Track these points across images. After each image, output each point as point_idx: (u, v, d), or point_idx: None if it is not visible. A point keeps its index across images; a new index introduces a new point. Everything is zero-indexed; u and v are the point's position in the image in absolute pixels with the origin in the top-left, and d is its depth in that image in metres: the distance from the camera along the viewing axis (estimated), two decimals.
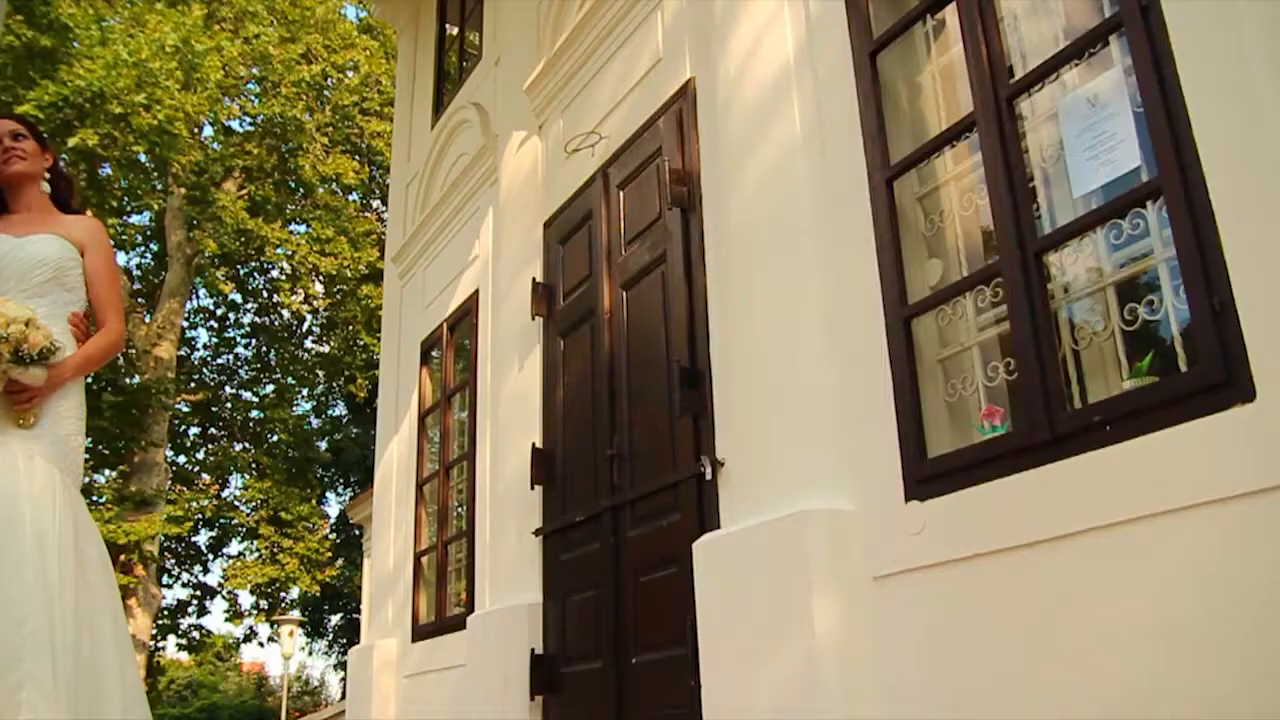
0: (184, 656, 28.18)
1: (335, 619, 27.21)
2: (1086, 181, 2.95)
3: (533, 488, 5.77)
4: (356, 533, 21.44)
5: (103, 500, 18.70)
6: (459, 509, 7.26)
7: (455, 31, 9.09)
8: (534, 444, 5.83)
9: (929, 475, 3.20)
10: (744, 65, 4.28)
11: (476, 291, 7.22)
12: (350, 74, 21.54)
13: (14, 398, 3.06)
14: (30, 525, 2.87)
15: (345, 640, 26.54)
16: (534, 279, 6.14)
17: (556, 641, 5.43)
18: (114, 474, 20.00)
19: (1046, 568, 2.78)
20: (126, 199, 20.40)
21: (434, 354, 8.06)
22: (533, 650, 5.45)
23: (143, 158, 18.60)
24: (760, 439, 3.87)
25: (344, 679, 25.70)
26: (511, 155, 6.79)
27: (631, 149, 5.41)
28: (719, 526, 4.10)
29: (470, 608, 6.50)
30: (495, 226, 7.01)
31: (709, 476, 4.28)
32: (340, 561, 23.04)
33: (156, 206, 20.85)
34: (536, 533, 5.72)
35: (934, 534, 3.14)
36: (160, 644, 22.89)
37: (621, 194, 5.48)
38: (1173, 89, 2.62)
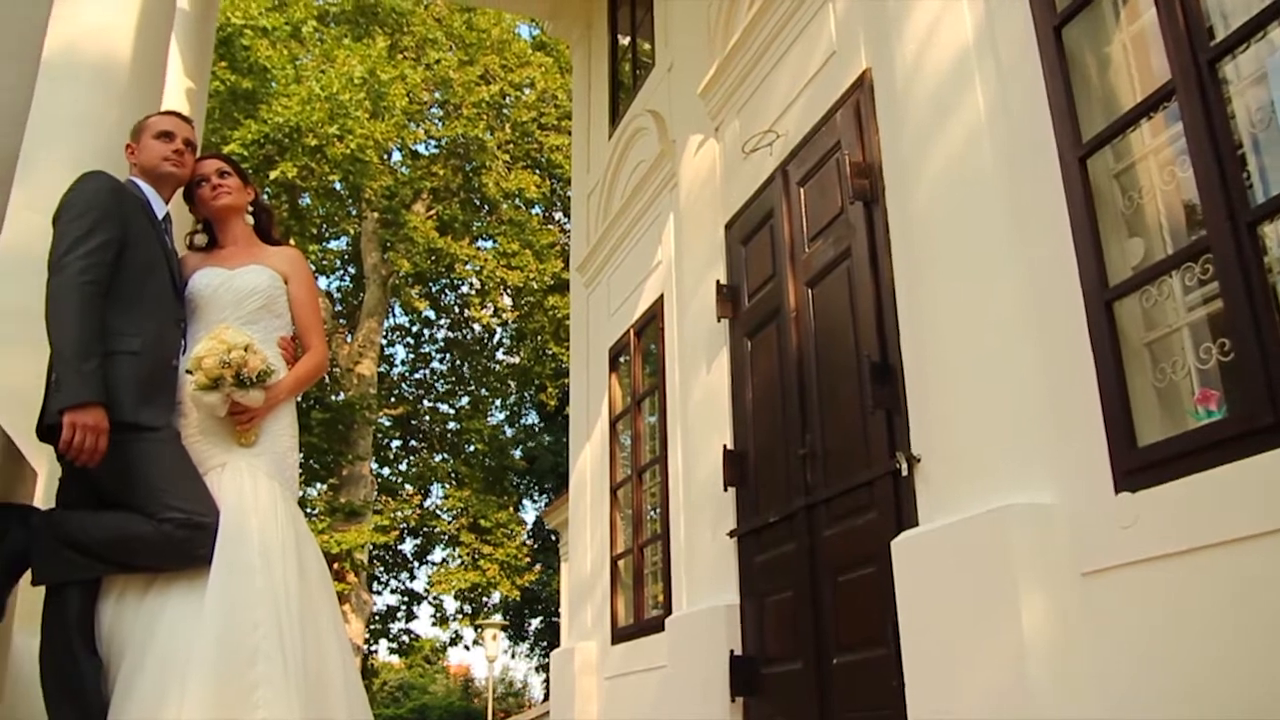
0: (395, 659, 29.32)
1: (535, 622, 27.86)
2: None
3: (725, 489, 5.79)
4: (553, 538, 21.92)
5: (316, 512, 19.68)
6: (653, 512, 7.34)
7: (627, 41, 9.20)
8: (725, 445, 5.85)
9: (1140, 465, 3.05)
10: (921, 51, 4.19)
11: (661, 296, 7.29)
12: (527, 91, 22.08)
13: (236, 419, 3.26)
14: (257, 537, 3.05)
15: (546, 643, 27.13)
16: (718, 281, 6.16)
17: (755, 643, 5.43)
18: (324, 487, 21.03)
19: (1275, 562, 2.61)
20: (324, 226, 21.56)
21: (622, 360, 8.18)
22: (731, 652, 5.45)
23: (338, 186, 19.61)
24: (957, 433, 3.77)
25: (546, 681, 26.32)
26: (689, 159, 6.82)
27: (810, 145, 5.36)
28: (917, 524, 4.02)
29: (668, 610, 6.56)
30: (677, 231, 7.06)
31: (905, 473, 4.20)
32: (538, 566, 23.58)
33: (352, 231, 21.94)
34: (731, 534, 5.72)
35: (1148, 527, 2.99)
36: (373, 647, 23.93)
37: (802, 191, 5.44)
38: None
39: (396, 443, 24.16)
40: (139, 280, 3.19)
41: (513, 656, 29.27)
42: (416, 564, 24.19)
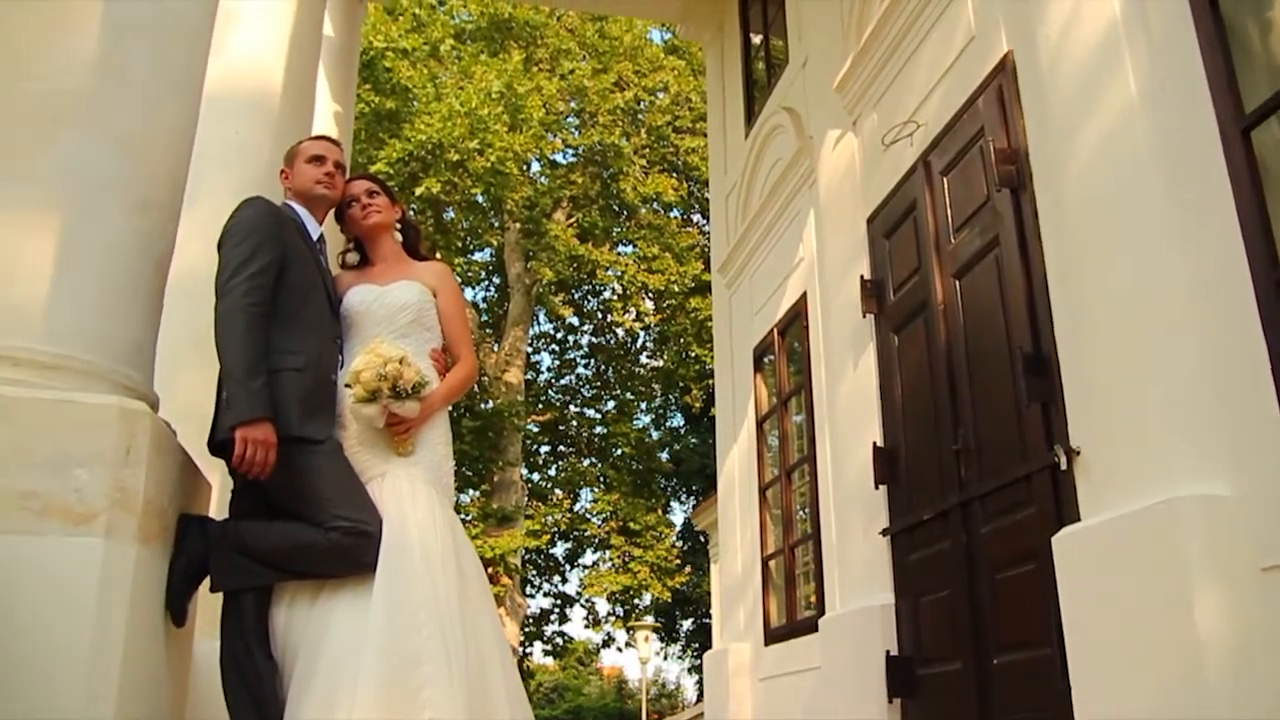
0: (549, 661, 29.76)
1: (687, 624, 27.89)
2: None
3: (876, 487, 5.70)
4: (702, 539, 21.94)
5: (469, 518, 20.15)
6: (802, 512, 7.28)
7: (759, 40, 9.16)
8: (874, 443, 5.77)
9: None
10: (1066, 29, 4.04)
11: (804, 294, 7.23)
12: (661, 95, 22.19)
13: (393, 429, 3.37)
14: (418, 543, 3.15)
15: (698, 644, 27.14)
16: (862, 276, 6.08)
17: (911, 643, 5.33)
18: (477, 493, 21.53)
19: None
20: (469, 238, 22.10)
21: (766, 360, 8.14)
22: (888, 652, 5.37)
23: (480, 199, 20.08)
24: (1119, 423, 3.63)
25: (699, 682, 26.33)
26: (828, 155, 6.76)
27: (952, 133, 5.24)
28: (1078, 519, 3.88)
29: (821, 610, 6.49)
30: (818, 227, 6.99)
31: (1064, 466, 4.06)
32: (688, 568, 23.61)
33: (495, 242, 22.43)
34: (884, 532, 5.64)
35: None
36: (528, 650, 24.32)
37: (945, 180, 5.32)
38: None
39: (545, 448, 24.57)
40: (298, 300, 3.33)
41: (665, 658, 29.42)
42: (568, 567, 24.53)
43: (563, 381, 25.13)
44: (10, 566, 2.52)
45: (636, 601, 23.21)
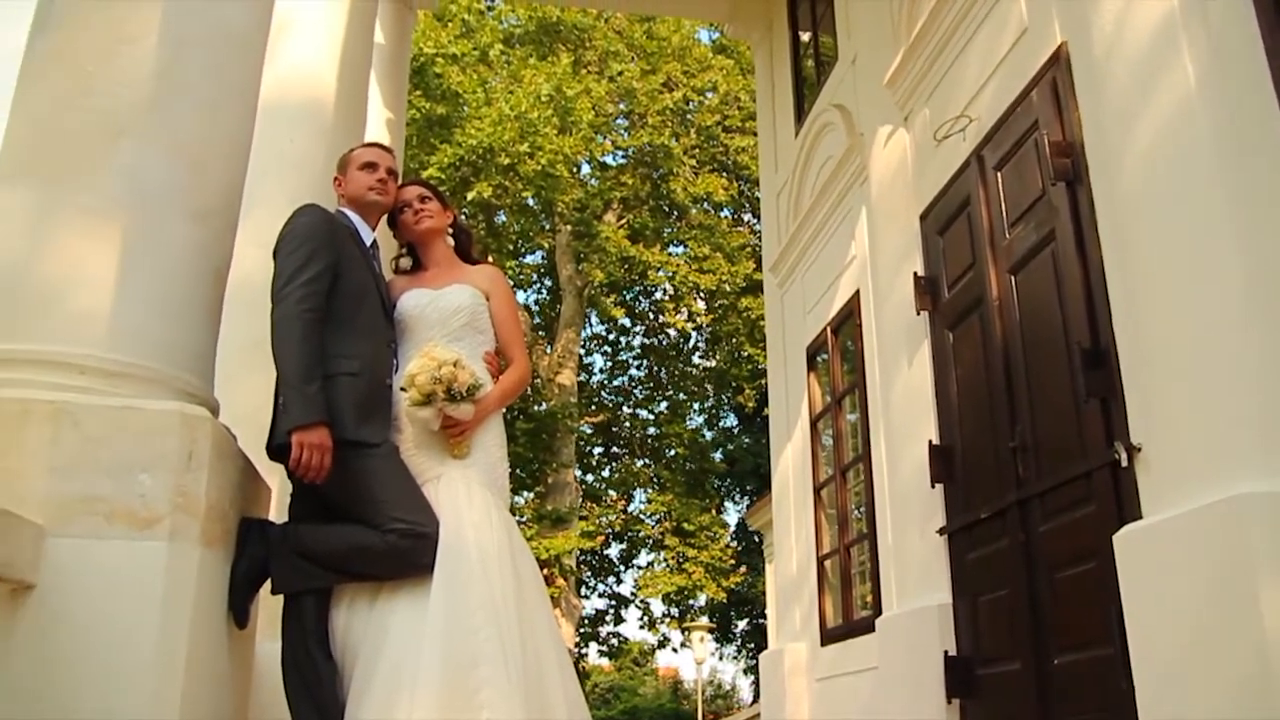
0: (604, 662, 29.84)
1: (742, 624, 27.84)
2: None
3: (933, 486, 5.65)
4: (756, 539, 21.87)
5: (524, 519, 20.23)
6: (858, 511, 7.24)
7: (808, 37, 9.12)
8: (930, 441, 5.71)
9: None
10: (1121, 19, 3.97)
11: (857, 292, 7.19)
12: (710, 95, 22.17)
13: (449, 432, 3.39)
14: (474, 545, 3.17)
15: (753, 645, 27.09)
16: (915, 273, 6.03)
17: (970, 643, 5.28)
18: (531, 495, 21.64)
19: None
20: (520, 241, 22.22)
21: (819, 358, 8.10)
22: (946, 652, 5.32)
23: (531, 202, 20.18)
24: (1181, 419, 3.56)
25: (755, 683, 26.26)
26: (879, 151, 6.71)
27: (1005, 127, 5.18)
28: (1139, 516, 3.82)
29: (877, 610, 6.45)
30: (870, 225, 6.95)
31: (1124, 463, 3.99)
32: (743, 568, 23.56)
33: (547, 245, 22.53)
34: (940, 531, 5.58)
35: None
36: (583, 651, 24.41)
37: (999, 175, 5.26)
38: None
39: (599, 449, 24.63)
40: (353, 305, 3.37)
41: (720, 658, 29.38)
42: (623, 568, 24.57)
43: (615, 383, 25.19)
44: (78, 569, 2.57)
45: (691, 602, 23.19)
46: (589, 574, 24.30)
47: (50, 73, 3.11)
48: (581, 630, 23.05)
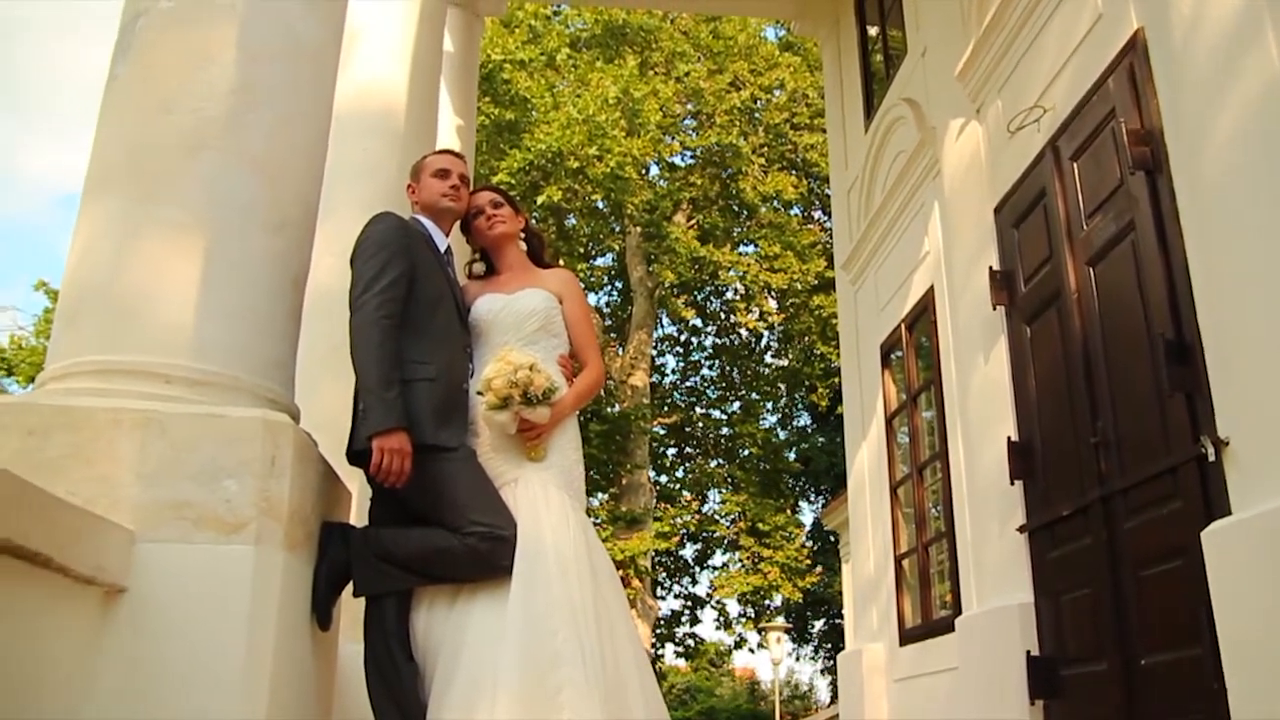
0: (681, 663, 29.80)
1: (819, 624, 27.64)
2: None
3: (1012, 483, 5.56)
4: (832, 539, 21.71)
5: (599, 521, 20.29)
6: (935, 510, 7.15)
7: (876, 31, 9.04)
8: (1009, 437, 5.63)
9: None
10: (1200, 2, 3.88)
11: (931, 288, 7.11)
12: (778, 93, 22.04)
13: (525, 435, 3.42)
14: (552, 547, 3.20)
15: (830, 645, 26.88)
16: (990, 267, 5.95)
17: (1053, 642, 5.19)
18: (606, 496, 21.70)
19: None
20: (590, 244, 22.33)
21: (894, 355, 8.02)
22: (1028, 652, 5.24)
23: (600, 204, 20.26)
24: (1272, 412, 3.46)
25: (832, 683, 26.09)
26: (951, 145, 6.63)
27: (1081, 116, 5.09)
28: (1228, 512, 3.72)
29: (957, 610, 6.37)
30: (943, 219, 6.87)
31: (1212, 458, 3.89)
32: (819, 568, 23.39)
33: (617, 247, 22.59)
34: (1021, 529, 5.50)
35: None
36: (659, 652, 24.41)
37: (1075, 165, 5.17)
38: None
39: (672, 450, 24.60)
40: (429, 311, 3.42)
41: (797, 659, 29.17)
42: (698, 569, 24.51)
43: (688, 383, 25.16)
44: (168, 573, 2.64)
45: (767, 602, 23.09)
46: (664, 575, 24.29)
47: (134, 92, 3.20)
48: (658, 631, 23.05)
